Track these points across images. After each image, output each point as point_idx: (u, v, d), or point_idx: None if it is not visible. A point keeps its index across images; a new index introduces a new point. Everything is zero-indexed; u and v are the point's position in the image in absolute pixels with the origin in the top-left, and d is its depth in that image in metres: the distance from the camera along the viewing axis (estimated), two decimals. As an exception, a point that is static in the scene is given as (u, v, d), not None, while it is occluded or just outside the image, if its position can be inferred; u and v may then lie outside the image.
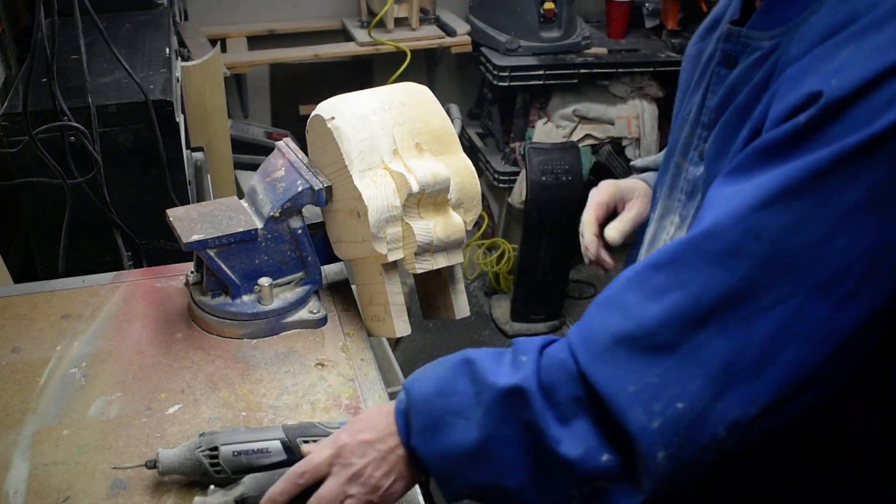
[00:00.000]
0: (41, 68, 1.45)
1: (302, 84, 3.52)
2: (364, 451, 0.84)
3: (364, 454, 0.84)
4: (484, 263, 3.42)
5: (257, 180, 1.18)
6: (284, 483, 0.85)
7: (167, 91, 1.54)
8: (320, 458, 0.85)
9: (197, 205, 1.18)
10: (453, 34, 3.33)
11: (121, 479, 0.92)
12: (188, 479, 0.91)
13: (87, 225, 1.55)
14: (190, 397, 1.04)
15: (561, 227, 2.95)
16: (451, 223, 1.09)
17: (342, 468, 0.84)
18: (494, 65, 3.06)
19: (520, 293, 3.16)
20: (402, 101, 1.12)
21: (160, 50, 1.74)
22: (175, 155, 1.56)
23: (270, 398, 1.04)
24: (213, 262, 1.12)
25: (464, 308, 1.18)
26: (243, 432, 0.91)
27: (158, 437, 0.98)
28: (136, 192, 1.56)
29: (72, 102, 1.46)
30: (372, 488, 0.84)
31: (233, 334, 1.15)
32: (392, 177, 1.06)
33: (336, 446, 0.85)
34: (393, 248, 1.08)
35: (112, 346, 1.13)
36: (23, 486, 0.91)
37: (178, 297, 1.24)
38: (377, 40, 3.25)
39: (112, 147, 1.51)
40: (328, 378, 1.08)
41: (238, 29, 3.34)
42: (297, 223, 1.15)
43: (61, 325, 1.17)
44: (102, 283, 1.27)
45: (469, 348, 0.86)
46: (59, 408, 1.02)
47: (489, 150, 3.36)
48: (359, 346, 1.14)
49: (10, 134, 1.44)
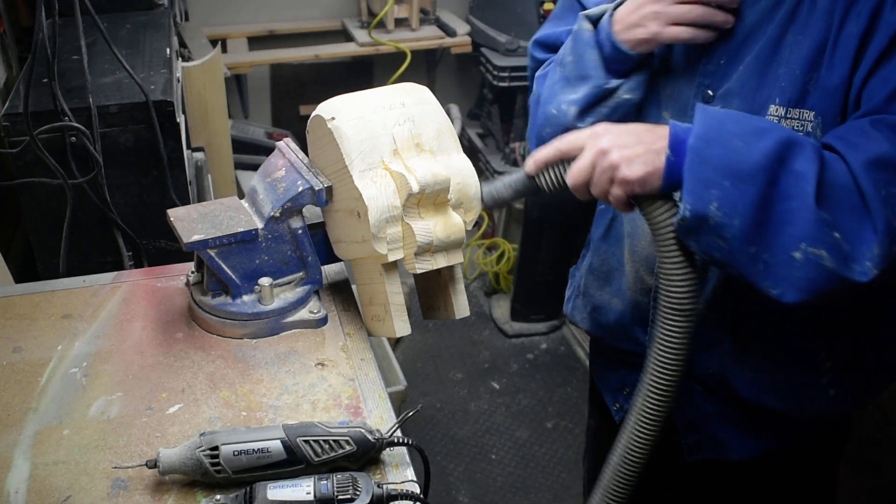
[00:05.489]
0: (42, 69, 1.45)
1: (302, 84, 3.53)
2: (619, 139, 0.98)
3: (617, 139, 0.98)
4: (484, 263, 3.42)
5: (258, 180, 1.18)
6: (547, 147, 1.03)
7: (168, 91, 1.54)
8: (582, 134, 1.01)
9: (197, 205, 1.18)
10: (453, 34, 3.33)
11: (121, 479, 0.92)
12: (189, 479, 0.91)
13: (88, 225, 1.55)
14: (190, 397, 1.05)
15: (561, 227, 2.95)
16: (451, 223, 1.09)
17: (594, 144, 0.99)
18: (494, 65, 3.06)
19: (520, 293, 3.16)
20: (403, 102, 1.12)
21: (161, 50, 1.74)
22: (176, 155, 1.56)
23: (271, 398, 1.05)
24: (213, 262, 1.12)
25: (464, 308, 1.18)
26: (244, 432, 0.91)
27: (159, 437, 0.98)
28: (137, 192, 1.56)
29: (73, 103, 1.47)
30: (611, 166, 0.97)
31: (233, 334, 1.16)
32: (392, 177, 1.07)
33: (595, 129, 1.01)
34: (393, 248, 1.08)
35: (113, 346, 1.13)
36: (24, 486, 0.91)
37: (178, 297, 1.24)
38: (377, 41, 3.25)
39: (113, 147, 1.51)
40: (328, 378, 1.08)
41: (238, 29, 3.34)
42: (297, 223, 1.15)
43: (62, 325, 1.17)
44: (103, 283, 1.28)
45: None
46: (59, 407, 1.02)
47: (489, 150, 3.36)
48: (359, 346, 1.15)
49: (11, 134, 1.44)
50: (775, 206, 0.92)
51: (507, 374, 3.02)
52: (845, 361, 1.14)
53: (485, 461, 2.65)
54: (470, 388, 2.95)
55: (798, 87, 1.01)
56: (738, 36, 1.07)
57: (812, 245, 0.91)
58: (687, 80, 1.13)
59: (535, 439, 2.74)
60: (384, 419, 1.01)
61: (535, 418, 2.82)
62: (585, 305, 1.38)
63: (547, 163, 1.05)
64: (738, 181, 0.92)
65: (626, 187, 0.98)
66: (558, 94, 1.21)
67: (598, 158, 0.99)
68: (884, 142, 0.91)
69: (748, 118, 0.97)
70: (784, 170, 0.92)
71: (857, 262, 0.91)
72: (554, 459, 2.66)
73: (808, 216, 0.91)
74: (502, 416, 2.83)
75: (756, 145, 0.92)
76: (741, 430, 1.25)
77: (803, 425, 1.23)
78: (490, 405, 2.88)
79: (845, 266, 0.91)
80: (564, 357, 3.11)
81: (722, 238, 0.94)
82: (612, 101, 1.17)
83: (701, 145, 0.93)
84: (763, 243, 0.93)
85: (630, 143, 0.97)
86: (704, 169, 0.93)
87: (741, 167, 0.92)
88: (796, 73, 1.01)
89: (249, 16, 3.39)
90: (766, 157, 0.91)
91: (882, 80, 0.94)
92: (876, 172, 0.91)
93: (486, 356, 3.11)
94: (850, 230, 0.91)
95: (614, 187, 0.99)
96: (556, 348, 3.16)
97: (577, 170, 1.01)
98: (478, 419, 2.81)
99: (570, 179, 1.02)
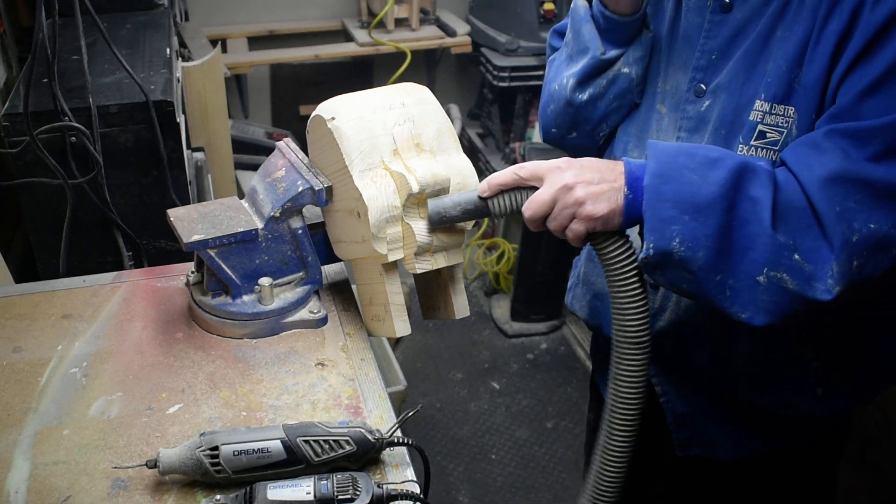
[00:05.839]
0: (42, 69, 1.45)
1: (302, 84, 3.52)
2: (582, 175, 0.98)
3: (581, 175, 0.98)
4: (484, 263, 3.42)
5: (258, 180, 1.18)
6: (505, 172, 1.01)
7: (168, 91, 1.54)
8: (543, 165, 1.00)
9: (197, 205, 1.18)
10: (453, 34, 3.33)
11: (121, 479, 0.92)
12: (189, 479, 0.91)
13: (88, 225, 1.55)
14: (190, 397, 1.05)
15: (561, 227, 2.95)
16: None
17: (557, 178, 0.98)
18: (494, 65, 3.06)
19: (520, 293, 3.16)
20: (403, 102, 1.12)
21: (161, 50, 1.74)
22: (176, 155, 1.56)
23: (271, 398, 1.05)
24: (213, 262, 1.12)
25: (464, 308, 1.18)
26: (244, 432, 0.91)
27: (159, 437, 0.98)
28: (137, 192, 1.56)
29: (73, 103, 1.47)
30: (576, 202, 0.97)
31: (233, 334, 1.16)
32: (392, 177, 1.07)
33: (557, 163, 1.00)
34: (393, 248, 1.08)
35: (113, 346, 1.13)
36: (24, 486, 0.91)
37: (178, 297, 1.24)
38: (377, 41, 3.25)
39: (113, 147, 1.51)
40: (328, 378, 1.08)
41: (238, 29, 3.34)
42: (297, 223, 1.15)
43: (62, 325, 1.17)
44: (103, 283, 1.28)
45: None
46: (59, 407, 1.02)
47: (489, 150, 3.37)
48: (359, 346, 1.15)
49: (11, 134, 1.44)
50: (735, 232, 0.94)
51: (507, 374, 3.02)
52: (832, 361, 1.14)
53: (485, 461, 2.65)
54: (470, 388, 2.95)
55: (783, 83, 1.02)
56: (729, 32, 1.08)
57: (773, 269, 0.93)
58: (682, 74, 1.15)
59: (535, 439, 2.74)
60: (384, 419, 1.01)
61: (535, 418, 2.83)
62: (585, 294, 1.39)
63: (502, 188, 1.03)
64: (697, 214, 0.93)
65: (589, 224, 0.98)
66: (562, 71, 1.25)
67: (561, 194, 0.98)
68: (836, 155, 0.93)
69: (699, 149, 0.99)
70: (740, 196, 0.94)
71: (820, 280, 0.92)
72: (554, 459, 2.66)
73: (766, 241, 0.93)
74: (502, 416, 2.83)
75: (710, 176, 0.94)
76: (731, 428, 1.25)
77: (795, 427, 1.23)
78: (490, 405, 2.88)
79: (808, 286, 0.93)
80: (564, 357, 3.11)
81: (688, 271, 0.96)
82: (610, 73, 1.19)
83: (657, 182, 0.95)
84: (727, 270, 0.95)
85: (594, 179, 0.98)
86: (663, 206, 0.95)
87: (698, 200, 0.93)
88: (782, 69, 1.02)
89: (249, 16, 3.39)
90: (722, 187, 0.93)
91: (855, 81, 0.95)
92: (829, 189, 0.92)
93: (486, 356, 3.11)
94: (809, 250, 0.93)
95: (575, 223, 0.99)
96: (556, 348, 3.16)
97: (537, 202, 1.00)
98: (478, 419, 2.81)
99: (529, 211, 1.00)
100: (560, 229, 1.01)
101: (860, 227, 0.91)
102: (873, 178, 0.91)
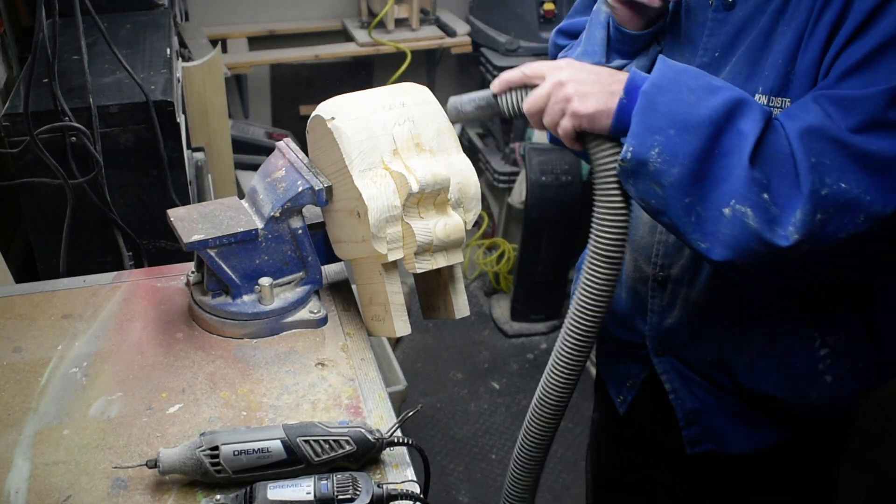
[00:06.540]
0: (42, 69, 1.45)
1: (302, 84, 3.53)
2: (578, 75, 1.02)
3: (576, 75, 1.02)
4: (484, 263, 3.42)
5: (258, 180, 1.18)
6: (514, 70, 1.07)
7: (168, 91, 1.54)
8: (546, 64, 1.05)
9: (198, 205, 1.18)
10: (453, 35, 3.34)
11: (121, 479, 0.92)
12: (189, 479, 0.91)
13: (88, 225, 1.55)
14: (190, 397, 1.05)
15: (561, 227, 2.95)
16: (451, 223, 1.09)
17: (555, 75, 1.02)
18: (494, 65, 3.06)
19: (520, 293, 3.16)
20: (403, 102, 1.12)
21: (161, 50, 1.74)
22: (176, 155, 1.56)
23: (271, 398, 1.05)
24: (213, 262, 1.12)
25: (464, 308, 1.18)
26: (244, 432, 0.91)
27: (159, 437, 0.98)
28: (137, 192, 1.57)
29: (73, 103, 1.47)
30: (566, 98, 1.01)
31: (233, 334, 1.16)
32: (392, 177, 1.07)
33: (559, 63, 1.05)
34: (393, 248, 1.08)
35: (113, 346, 1.13)
36: (24, 486, 0.91)
37: (178, 297, 1.24)
38: (377, 41, 3.25)
39: (113, 147, 1.51)
40: (328, 378, 1.08)
41: (239, 29, 3.34)
42: (297, 223, 1.15)
43: (62, 325, 1.18)
44: (103, 282, 1.28)
45: None
46: (59, 407, 1.02)
47: (489, 150, 3.37)
48: (359, 346, 1.15)
49: (11, 134, 1.45)
50: (715, 161, 0.95)
51: (507, 374, 3.02)
52: (841, 346, 1.15)
53: (485, 461, 2.65)
54: (470, 388, 2.95)
55: (781, 75, 1.03)
56: (731, 29, 1.10)
57: (740, 202, 0.94)
58: None
59: (535, 439, 2.74)
60: (384, 419, 1.01)
61: (535, 418, 2.82)
62: None
63: (510, 85, 1.09)
64: (682, 131, 0.94)
65: (576, 121, 1.01)
66: None
67: (554, 89, 1.03)
68: (819, 114, 0.94)
69: (707, 76, 1.00)
70: (729, 127, 0.95)
71: (781, 226, 0.93)
72: (554, 459, 2.66)
73: (741, 173, 0.93)
74: (502, 416, 2.83)
75: (707, 101, 0.95)
76: (741, 422, 1.26)
77: (804, 418, 1.24)
78: (490, 405, 2.88)
79: (768, 228, 0.93)
80: (564, 357, 3.11)
81: (659, 185, 0.97)
82: None
83: (654, 92, 0.97)
84: (698, 196, 0.96)
85: (588, 80, 1.02)
86: (652, 115, 0.96)
87: (688, 118, 0.95)
88: (779, 62, 1.03)
89: (249, 16, 3.39)
90: (715, 112, 0.94)
91: (844, 59, 0.96)
92: (807, 140, 0.93)
93: (486, 356, 3.11)
94: (780, 194, 0.94)
95: (565, 119, 1.02)
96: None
97: (534, 97, 1.05)
98: (478, 419, 2.81)
99: (527, 105, 1.06)
100: (553, 125, 1.04)
101: (831, 184, 0.92)
102: (851, 143, 0.92)
